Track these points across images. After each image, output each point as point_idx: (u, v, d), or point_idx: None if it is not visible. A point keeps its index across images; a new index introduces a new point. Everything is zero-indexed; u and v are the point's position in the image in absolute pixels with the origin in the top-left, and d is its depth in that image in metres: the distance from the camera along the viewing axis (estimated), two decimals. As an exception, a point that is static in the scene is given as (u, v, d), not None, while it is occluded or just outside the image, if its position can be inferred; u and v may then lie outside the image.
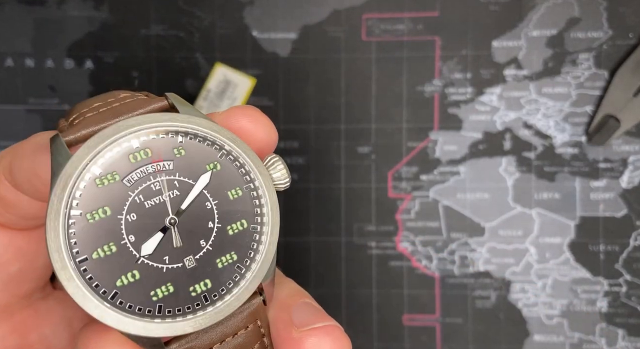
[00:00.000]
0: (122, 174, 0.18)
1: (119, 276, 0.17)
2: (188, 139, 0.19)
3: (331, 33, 0.37)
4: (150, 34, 0.37)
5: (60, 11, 0.36)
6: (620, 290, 0.36)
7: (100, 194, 0.17)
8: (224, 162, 0.19)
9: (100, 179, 0.18)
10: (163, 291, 0.17)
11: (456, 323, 0.36)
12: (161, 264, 0.18)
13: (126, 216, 0.17)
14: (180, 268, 0.18)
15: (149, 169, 0.18)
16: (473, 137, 0.36)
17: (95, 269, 0.17)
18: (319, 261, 0.36)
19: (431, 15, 0.36)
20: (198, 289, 0.18)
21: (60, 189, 0.17)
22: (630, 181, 0.36)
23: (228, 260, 0.18)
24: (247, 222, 0.19)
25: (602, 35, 0.36)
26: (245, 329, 0.19)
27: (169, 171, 0.18)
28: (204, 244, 0.18)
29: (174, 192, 0.18)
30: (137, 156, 0.18)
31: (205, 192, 0.18)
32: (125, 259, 0.17)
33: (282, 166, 0.19)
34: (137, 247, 0.17)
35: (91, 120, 0.18)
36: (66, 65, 0.37)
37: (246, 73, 0.37)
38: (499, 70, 0.36)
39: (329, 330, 0.19)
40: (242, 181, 0.19)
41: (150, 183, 0.18)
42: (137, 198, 0.18)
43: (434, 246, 0.36)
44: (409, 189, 0.36)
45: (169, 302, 0.17)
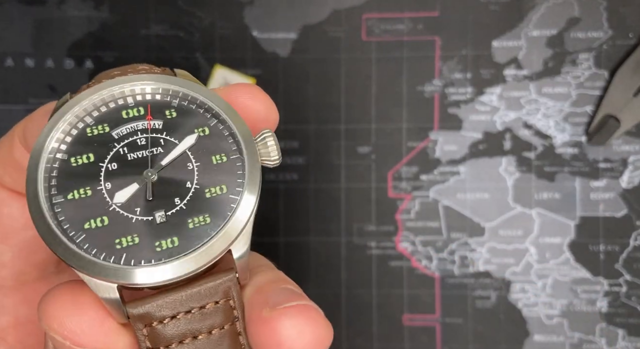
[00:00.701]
0: (113, 127, 0.19)
1: (88, 219, 0.17)
2: (182, 103, 0.19)
3: (331, 33, 0.37)
4: (150, 34, 0.37)
5: (60, 11, 0.36)
6: (620, 290, 0.36)
7: (89, 142, 0.18)
8: (213, 128, 0.19)
9: (90, 128, 0.18)
10: (128, 241, 0.17)
11: (456, 323, 0.36)
12: (131, 214, 0.18)
13: (107, 164, 0.18)
14: (149, 221, 0.18)
15: (139, 126, 0.19)
16: (473, 137, 0.36)
17: (68, 210, 0.17)
18: (319, 261, 0.36)
19: (431, 15, 0.36)
20: (164, 245, 0.18)
21: (49, 127, 0.18)
22: (630, 181, 0.36)
23: (200, 222, 0.18)
24: (227, 189, 0.19)
25: (602, 35, 0.36)
26: (215, 304, 0.18)
27: (157, 129, 0.19)
28: (178, 202, 0.18)
29: (158, 149, 0.19)
30: (130, 112, 0.19)
31: (189, 153, 0.19)
32: (98, 204, 0.18)
33: (272, 142, 0.19)
34: (111, 195, 0.18)
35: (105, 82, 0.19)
36: (66, 65, 0.37)
37: (245, 73, 0.37)
38: (499, 70, 0.36)
39: (303, 309, 0.17)
40: (229, 149, 0.19)
41: (137, 138, 0.19)
42: (122, 150, 0.18)
43: (434, 246, 0.36)
44: (409, 189, 0.36)
45: (133, 252, 0.17)
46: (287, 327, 0.17)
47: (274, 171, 0.37)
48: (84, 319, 0.17)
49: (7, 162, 0.21)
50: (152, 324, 0.17)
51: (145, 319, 0.17)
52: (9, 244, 0.22)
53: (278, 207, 0.37)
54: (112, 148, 0.18)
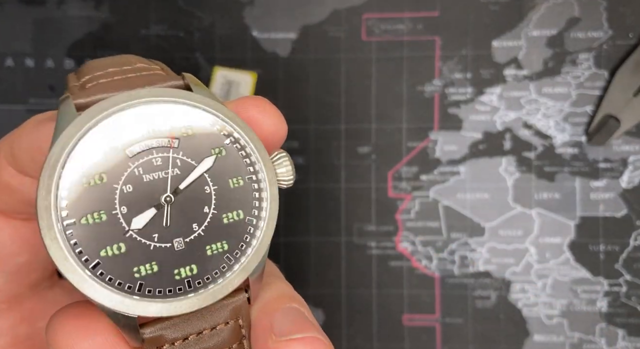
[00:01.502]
0: (126, 145, 0.17)
1: (105, 246, 0.16)
2: (197, 120, 0.18)
3: (331, 33, 0.37)
4: (150, 34, 0.37)
5: (60, 11, 0.36)
6: (620, 290, 0.36)
7: (100, 160, 0.17)
8: (230, 148, 0.19)
9: (101, 145, 0.17)
10: (147, 269, 0.17)
11: (456, 323, 0.36)
12: (149, 241, 0.17)
13: (122, 186, 0.17)
14: (168, 248, 0.17)
15: (153, 143, 0.18)
16: (473, 137, 0.36)
17: (82, 235, 0.16)
18: (319, 261, 0.36)
19: (431, 15, 0.36)
20: (183, 273, 0.17)
21: (60, 147, 0.16)
22: (630, 181, 0.36)
23: (218, 248, 0.18)
24: (244, 213, 0.18)
25: (602, 35, 0.36)
26: (225, 324, 0.18)
27: (174, 148, 0.18)
28: (197, 228, 0.18)
29: (175, 170, 0.18)
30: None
31: (207, 176, 0.18)
32: (114, 230, 0.17)
33: (288, 163, 0.19)
34: (127, 220, 0.17)
35: (105, 86, 0.18)
36: (66, 65, 0.37)
37: (245, 69, 0.37)
38: (499, 70, 0.36)
39: (307, 342, 0.18)
40: (245, 171, 0.19)
41: (152, 157, 0.17)
42: (137, 170, 0.17)
43: (434, 246, 0.36)
44: (409, 189, 0.36)
45: (151, 281, 0.17)
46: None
47: (274, 171, 0.37)
48: (96, 345, 0.17)
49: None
50: (163, 346, 0.17)
51: (157, 342, 0.17)
52: (1, 270, 0.21)
53: (278, 207, 0.37)
54: (126, 168, 0.17)
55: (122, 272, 0.17)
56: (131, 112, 0.17)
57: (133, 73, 0.19)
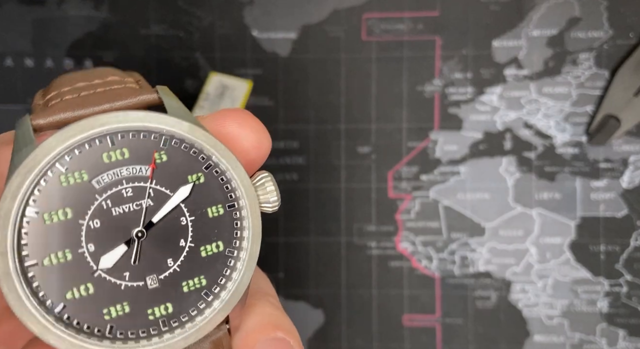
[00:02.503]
0: (92, 174, 0.16)
1: (70, 288, 0.15)
2: (172, 144, 0.16)
3: (331, 33, 0.37)
4: (150, 33, 0.37)
5: (60, 11, 0.36)
6: (620, 290, 0.36)
7: (63, 194, 0.15)
8: (208, 175, 0.17)
9: (65, 176, 0.15)
10: (117, 310, 0.16)
11: (456, 323, 0.36)
12: (120, 280, 0.16)
13: (89, 222, 0.15)
14: (140, 287, 0.16)
15: (122, 172, 0.16)
16: (473, 137, 0.36)
17: (44, 277, 0.15)
18: (319, 261, 0.36)
19: (431, 15, 0.36)
20: (157, 313, 0.16)
21: (16, 185, 0.15)
22: (631, 181, 0.36)
23: (195, 285, 0.17)
24: (224, 245, 0.17)
25: (603, 35, 0.36)
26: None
27: (145, 177, 0.16)
28: (172, 263, 0.16)
29: (147, 202, 0.16)
30: (112, 156, 0.16)
31: (183, 206, 0.16)
32: (80, 270, 0.15)
33: (272, 187, 0.17)
34: (95, 259, 0.16)
35: (69, 104, 0.16)
36: (66, 65, 0.37)
37: (245, 73, 0.37)
38: (499, 70, 0.36)
39: None
40: (225, 198, 0.17)
41: (122, 188, 0.16)
42: (105, 203, 0.16)
43: (434, 246, 0.36)
44: (409, 189, 0.36)
45: (123, 323, 0.16)
46: None
47: (274, 171, 0.37)
48: None
49: None
50: None
51: None
52: None
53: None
54: (92, 201, 0.15)
55: (91, 315, 0.15)
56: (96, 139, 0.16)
57: (102, 87, 0.17)
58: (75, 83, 0.17)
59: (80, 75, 0.17)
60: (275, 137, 0.37)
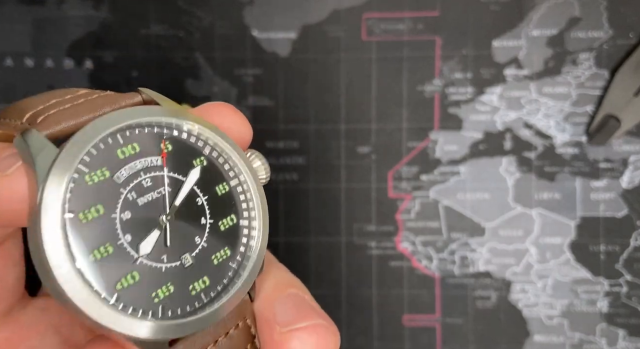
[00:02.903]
0: (112, 171, 0.17)
1: (119, 279, 0.16)
2: (174, 134, 0.18)
3: (331, 33, 0.37)
4: (150, 34, 0.37)
5: (60, 11, 0.36)
6: (620, 290, 0.36)
7: (91, 192, 0.16)
8: (209, 157, 0.19)
9: (90, 175, 0.16)
10: (164, 292, 0.17)
11: (456, 323, 0.36)
12: (160, 263, 0.17)
13: (120, 215, 0.16)
14: (178, 266, 0.17)
15: (137, 165, 0.17)
16: (473, 137, 0.36)
17: (94, 272, 0.16)
18: (319, 261, 0.36)
19: (431, 15, 0.36)
20: (197, 287, 0.17)
21: (55, 187, 0.15)
22: (631, 181, 0.36)
23: (222, 256, 0.18)
24: (236, 217, 0.19)
25: (603, 35, 0.36)
26: (236, 328, 0.18)
27: (158, 166, 0.17)
28: (199, 241, 0.18)
29: (165, 189, 0.17)
30: (125, 151, 0.17)
31: (196, 188, 0.18)
32: (123, 260, 0.16)
33: (260, 162, 0.19)
34: (134, 247, 0.16)
35: (66, 113, 0.17)
36: (66, 65, 0.37)
37: (245, 73, 0.37)
38: (499, 70, 0.36)
39: (311, 330, 0.18)
40: (227, 175, 0.19)
41: (141, 179, 0.17)
42: (130, 195, 0.17)
43: (434, 246, 0.36)
44: (409, 189, 0.36)
45: (171, 302, 0.17)
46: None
47: (274, 171, 0.37)
48: None
49: None
50: None
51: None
52: None
53: (278, 207, 0.37)
54: (119, 195, 0.16)
55: (142, 300, 0.16)
56: (108, 139, 0.17)
57: (85, 98, 0.18)
58: (50, 100, 0.17)
59: (48, 96, 0.18)
60: (275, 137, 0.37)
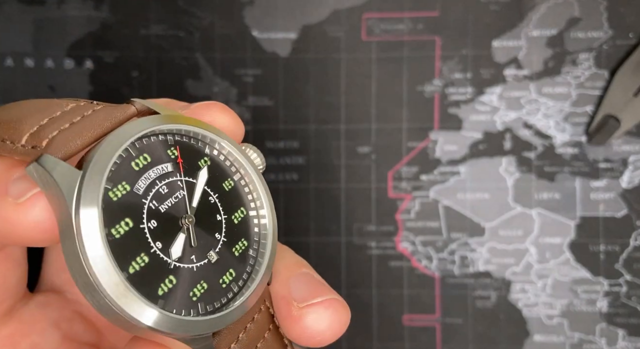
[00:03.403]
0: (131, 183, 0.17)
1: (159, 285, 0.17)
2: (177, 139, 0.19)
3: (331, 33, 0.37)
4: (150, 33, 0.37)
5: (60, 11, 0.36)
6: (620, 290, 0.36)
7: (117, 207, 0.17)
8: (212, 156, 0.20)
9: (113, 191, 0.17)
10: (199, 290, 0.18)
11: (456, 323, 0.36)
12: (190, 264, 0.18)
13: (147, 224, 0.17)
14: (206, 264, 0.18)
15: (152, 174, 0.18)
16: (473, 137, 0.36)
17: (136, 283, 0.16)
18: (319, 261, 0.36)
19: (431, 15, 0.36)
20: (226, 280, 0.18)
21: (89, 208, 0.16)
22: (631, 181, 0.36)
23: (242, 247, 0.19)
24: (245, 209, 0.20)
25: (603, 35, 0.36)
26: (259, 312, 0.19)
27: (170, 172, 0.18)
28: (219, 237, 0.19)
29: (181, 193, 0.18)
30: (139, 162, 0.18)
31: (207, 188, 0.19)
32: (159, 266, 0.17)
33: (255, 153, 0.20)
34: (166, 253, 0.17)
35: (68, 135, 0.17)
36: (66, 65, 0.37)
37: (245, 73, 0.37)
38: (499, 70, 0.36)
39: (327, 304, 0.20)
40: (230, 171, 0.20)
41: (158, 188, 0.18)
42: (152, 204, 0.17)
43: (434, 246, 0.36)
44: (409, 189, 0.36)
45: (207, 298, 0.18)
46: (317, 323, 0.19)
47: (274, 171, 0.37)
48: None
49: None
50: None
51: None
52: None
53: (278, 207, 0.37)
54: (142, 206, 0.17)
55: (183, 301, 0.17)
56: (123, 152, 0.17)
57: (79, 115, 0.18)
58: (42, 118, 0.17)
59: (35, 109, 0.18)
60: (276, 137, 0.37)
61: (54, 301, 0.23)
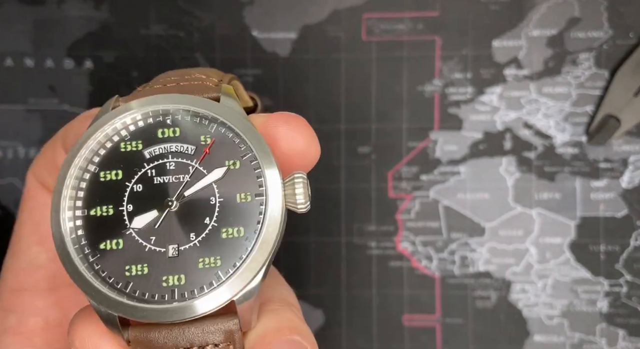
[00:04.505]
0: (146, 145, 0.18)
1: (105, 240, 0.17)
2: (218, 130, 0.18)
3: (331, 33, 0.37)
4: (150, 34, 0.37)
5: (60, 11, 0.36)
6: (620, 290, 0.36)
7: (120, 157, 0.18)
8: (244, 163, 0.18)
9: (125, 142, 0.18)
10: (137, 270, 0.17)
11: (456, 323, 0.36)
12: (145, 242, 0.17)
13: (133, 185, 0.17)
14: (161, 252, 0.17)
15: (171, 147, 0.18)
16: (473, 137, 0.36)
17: (87, 226, 0.17)
18: (319, 261, 0.36)
19: (431, 15, 0.36)
20: (170, 281, 0.17)
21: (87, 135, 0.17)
22: (631, 181, 0.36)
23: (211, 263, 0.17)
24: (245, 232, 0.18)
25: (603, 35, 0.36)
26: (215, 346, 0.18)
27: (189, 155, 0.18)
28: (193, 238, 0.18)
29: (185, 177, 0.18)
30: (166, 132, 0.18)
31: (215, 187, 0.18)
32: (117, 224, 0.17)
33: (301, 188, 0.19)
34: (130, 218, 0.17)
35: (151, 91, 0.19)
36: (66, 65, 0.37)
37: (245, 73, 0.37)
38: (499, 70, 0.36)
39: None
40: (255, 188, 0.18)
41: (166, 161, 0.18)
42: (150, 171, 0.18)
43: (434, 246, 0.36)
44: (409, 189, 0.36)
45: (139, 283, 0.17)
46: None
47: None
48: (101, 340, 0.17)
49: (52, 166, 0.21)
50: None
51: (144, 346, 0.17)
52: (45, 247, 0.22)
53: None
54: (140, 168, 0.18)
55: (116, 269, 0.17)
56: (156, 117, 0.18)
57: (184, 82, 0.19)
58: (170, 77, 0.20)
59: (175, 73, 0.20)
60: (275, 137, 0.37)
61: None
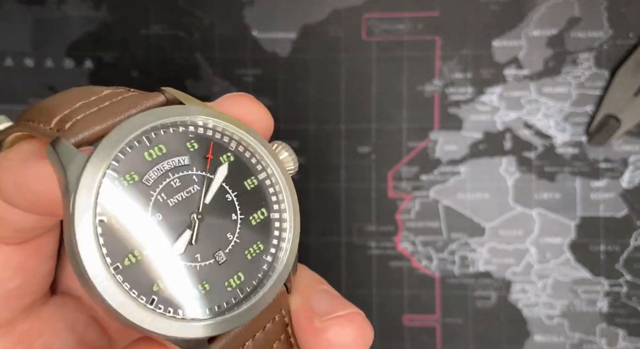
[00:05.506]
0: (141, 174, 0.17)
1: (155, 280, 0.16)
2: (198, 132, 0.18)
3: (331, 33, 0.37)
4: (150, 34, 0.37)
5: (60, 11, 0.36)
6: (620, 290, 0.36)
7: (123, 195, 0.16)
8: (236, 152, 0.19)
9: (119, 181, 0.16)
10: (203, 288, 0.17)
11: (456, 323, 0.36)
12: (194, 262, 0.17)
13: (152, 217, 0.16)
14: (212, 264, 0.17)
15: (165, 166, 0.17)
16: (473, 137, 0.36)
17: (129, 276, 0.16)
18: (319, 261, 0.36)
19: (431, 15, 0.36)
20: (233, 283, 0.17)
21: (85, 194, 0.15)
22: (631, 181, 0.36)
23: (256, 251, 0.18)
24: (267, 211, 0.19)
25: (603, 35, 0.36)
26: (272, 321, 0.18)
27: (186, 166, 0.17)
28: (231, 237, 0.18)
29: (194, 187, 0.17)
30: (152, 153, 0.17)
31: (224, 185, 0.18)
32: (160, 261, 0.16)
33: (287, 153, 0.19)
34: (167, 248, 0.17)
35: (94, 118, 0.17)
36: (65, 65, 0.37)
37: (245, 73, 0.36)
38: (499, 70, 0.36)
39: (351, 317, 0.19)
40: (255, 169, 0.19)
41: (169, 180, 0.17)
42: (160, 197, 0.17)
43: (434, 246, 0.36)
44: (409, 189, 0.36)
45: (211, 299, 0.17)
46: (340, 336, 0.18)
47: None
48: None
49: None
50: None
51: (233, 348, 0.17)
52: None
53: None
54: (149, 198, 0.17)
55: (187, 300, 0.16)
56: (134, 142, 0.17)
57: (110, 99, 0.18)
58: (75, 102, 0.17)
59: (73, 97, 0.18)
60: (276, 137, 0.37)
61: (71, 304, 0.23)
